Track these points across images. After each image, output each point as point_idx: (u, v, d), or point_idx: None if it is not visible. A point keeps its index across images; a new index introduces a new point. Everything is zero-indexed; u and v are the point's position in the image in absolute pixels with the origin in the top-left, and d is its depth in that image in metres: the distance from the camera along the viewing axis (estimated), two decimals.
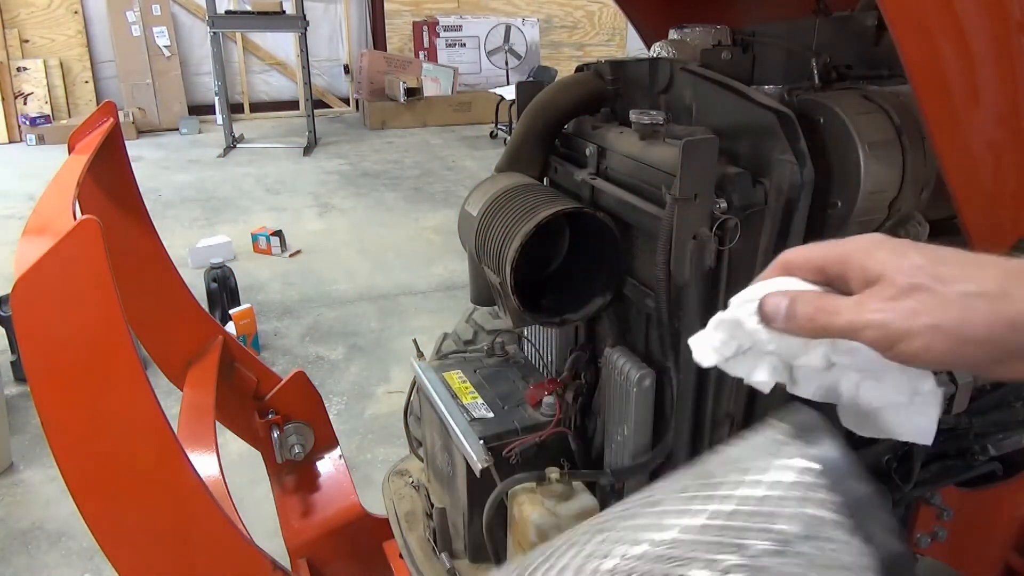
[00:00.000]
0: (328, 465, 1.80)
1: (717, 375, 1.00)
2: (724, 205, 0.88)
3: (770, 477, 0.47)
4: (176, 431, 1.03)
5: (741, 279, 0.94)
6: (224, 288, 3.81)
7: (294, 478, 1.77)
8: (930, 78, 0.84)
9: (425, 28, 9.58)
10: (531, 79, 7.09)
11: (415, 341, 1.42)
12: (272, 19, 7.74)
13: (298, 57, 8.33)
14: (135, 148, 7.33)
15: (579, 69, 1.24)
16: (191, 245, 4.67)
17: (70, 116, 8.32)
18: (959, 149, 0.88)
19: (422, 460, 1.50)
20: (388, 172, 6.96)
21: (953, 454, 1.38)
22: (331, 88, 9.78)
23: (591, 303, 1.10)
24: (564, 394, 1.17)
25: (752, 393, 1.02)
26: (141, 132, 8.29)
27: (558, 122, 1.21)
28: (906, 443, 1.28)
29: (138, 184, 1.53)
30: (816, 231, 0.94)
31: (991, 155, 0.90)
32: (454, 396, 1.23)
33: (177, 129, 8.50)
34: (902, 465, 1.27)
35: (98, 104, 2.77)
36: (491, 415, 1.18)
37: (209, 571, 1.05)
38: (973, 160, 0.90)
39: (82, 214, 0.89)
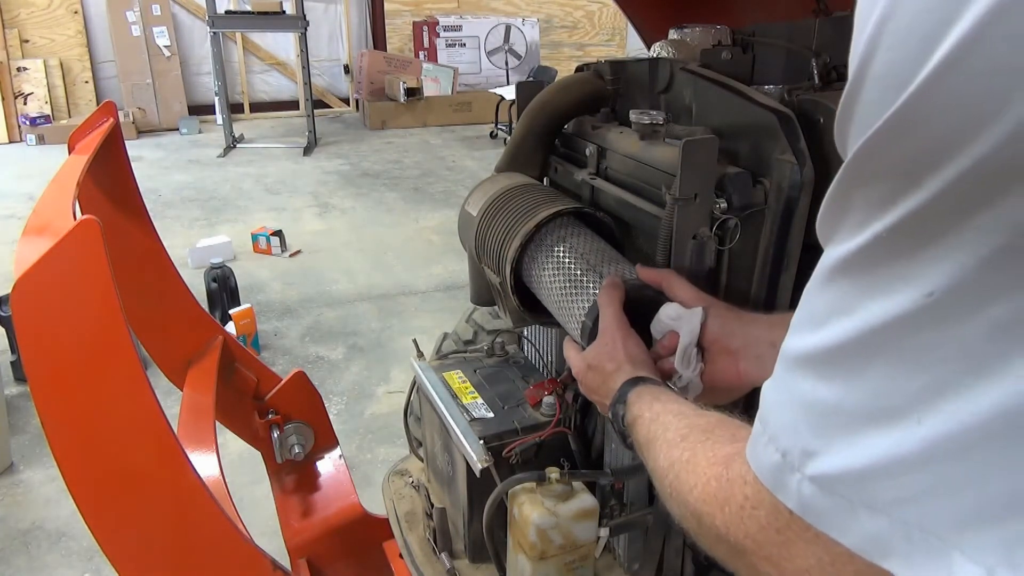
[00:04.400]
0: (328, 465, 1.80)
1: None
2: (724, 205, 0.88)
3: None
4: (176, 431, 1.02)
5: (741, 279, 0.95)
6: (224, 288, 3.81)
7: (294, 478, 1.77)
8: None
9: (425, 28, 9.58)
10: (531, 79, 7.09)
11: (415, 341, 1.42)
12: (272, 19, 7.74)
13: (298, 57, 8.33)
14: (135, 148, 7.34)
15: (579, 69, 1.24)
16: (191, 245, 4.67)
17: (70, 116, 8.32)
18: None
19: (422, 460, 1.50)
20: (388, 172, 6.96)
21: None
22: (331, 88, 9.78)
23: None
24: (564, 394, 1.17)
25: (752, 390, 1.02)
26: (141, 132, 8.29)
27: (558, 122, 1.21)
28: None
29: (138, 184, 1.53)
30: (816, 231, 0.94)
31: None
32: (454, 396, 1.23)
33: (177, 129, 8.50)
34: None
35: (98, 104, 2.77)
36: (491, 415, 1.18)
37: (209, 571, 1.05)
38: None
39: (82, 214, 0.89)
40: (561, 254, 1.00)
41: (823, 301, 0.38)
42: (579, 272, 0.96)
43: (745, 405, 0.96)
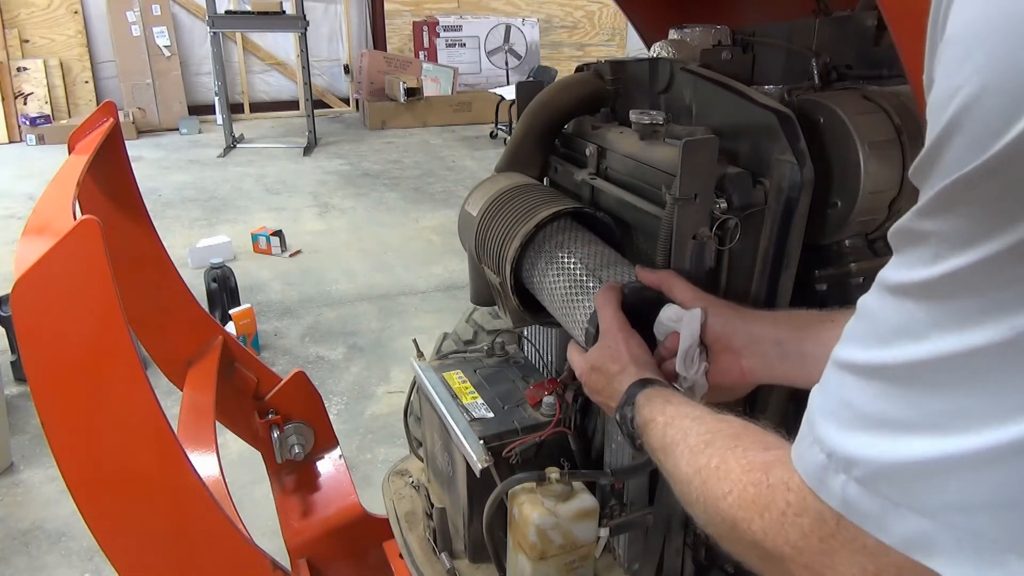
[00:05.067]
0: (328, 465, 1.80)
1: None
2: (724, 205, 0.88)
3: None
4: (176, 431, 1.02)
5: (741, 279, 0.95)
6: (224, 288, 3.81)
7: (294, 478, 1.77)
8: None
9: (425, 28, 9.58)
10: (531, 79, 7.09)
11: (415, 341, 1.42)
12: (272, 19, 7.74)
13: (298, 57, 8.33)
14: (135, 148, 7.33)
15: (579, 69, 1.24)
16: (191, 245, 4.67)
17: (70, 116, 8.32)
18: None
19: (422, 460, 1.50)
20: (388, 172, 6.96)
21: None
22: (331, 88, 9.78)
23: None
24: (564, 394, 1.17)
25: (753, 390, 1.02)
26: (141, 132, 8.29)
27: (558, 122, 1.21)
28: None
29: (138, 184, 1.53)
30: (816, 231, 0.94)
31: None
32: (454, 396, 1.23)
33: (177, 129, 8.50)
34: None
35: (98, 104, 2.77)
36: (491, 415, 1.18)
37: (209, 571, 1.05)
38: None
39: (82, 214, 0.89)
40: (562, 258, 1.00)
41: (888, 319, 0.39)
42: (582, 276, 0.97)
43: (748, 404, 0.96)
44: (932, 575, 0.37)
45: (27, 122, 7.89)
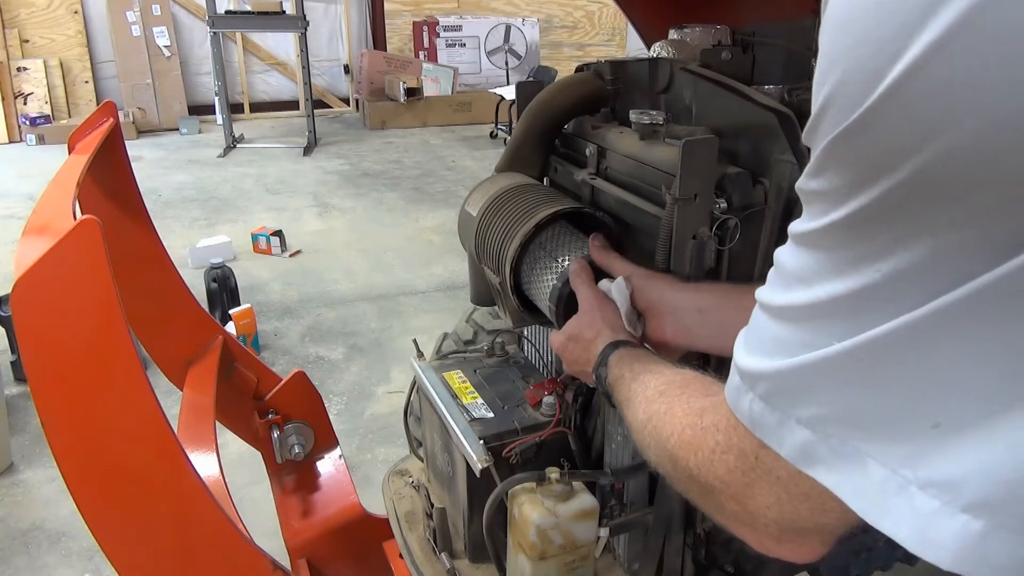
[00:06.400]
0: (328, 465, 1.80)
1: (716, 371, 1.00)
2: (724, 205, 0.88)
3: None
4: (176, 431, 1.02)
5: (741, 279, 0.95)
6: (224, 288, 3.80)
7: (294, 478, 1.77)
8: None
9: (425, 28, 9.58)
10: (531, 79, 7.09)
11: (415, 341, 1.42)
12: (272, 19, 7.74)
13: (298, 57, 8.33)
14: (135, 148, 7.33)
15: (579, 69, 1.24)
16: (191, 245, 4.67)
17: (70, 116, 8.32)
18: None
19: (422, 460, 1.50)
20: (388, 172, 6.95)
21: None
22: (331, 88, 9.77)
23: None
24: (564, 394, 1.17)
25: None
26: (141, 132, 8.29)
27: (558, 122, 1.21)
28: None
29: (138, 184, 1.53)
30: None
31: None
32: (454, 396, 1.23)
33: (177, 129, 8.50)
34: None
35: (98, 104, 2.77)
36: (491, 415, 1.18)
37: (209, 571, 1.05)
38: None
39: (82, 214, 0.89)
40: (560, 259, 1.02)
41: (790, 266, 0.44)
42: (560, 261, 1.02)
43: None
44: (831, 499, 0.41)
45: (27, 122, 7.88)
